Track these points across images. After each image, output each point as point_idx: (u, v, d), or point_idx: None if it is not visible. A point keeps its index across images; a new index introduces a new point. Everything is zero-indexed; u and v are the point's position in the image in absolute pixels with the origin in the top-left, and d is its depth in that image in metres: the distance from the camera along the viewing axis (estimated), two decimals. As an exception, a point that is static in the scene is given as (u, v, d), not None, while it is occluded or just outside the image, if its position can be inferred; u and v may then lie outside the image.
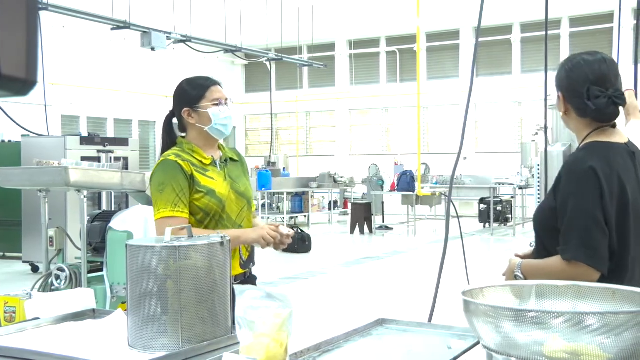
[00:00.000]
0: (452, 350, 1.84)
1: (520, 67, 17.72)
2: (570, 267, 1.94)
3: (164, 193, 2.42)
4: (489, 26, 17.05)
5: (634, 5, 5.92)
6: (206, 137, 2.56)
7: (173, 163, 2.46)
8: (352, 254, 11.43)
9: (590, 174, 1.94)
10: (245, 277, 2.61)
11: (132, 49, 15.09)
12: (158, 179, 2.45)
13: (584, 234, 1.93)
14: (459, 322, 1.75)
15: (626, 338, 1.18)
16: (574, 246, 1.93)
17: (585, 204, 1.94)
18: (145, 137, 18.53)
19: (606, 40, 15.87)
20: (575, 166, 2.00)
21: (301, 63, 17.55)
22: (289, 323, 1.49)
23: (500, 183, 14.97)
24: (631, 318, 1.19)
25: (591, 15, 16.67)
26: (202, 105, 2.54)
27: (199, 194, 2.47)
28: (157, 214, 2.44)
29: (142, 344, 1.86)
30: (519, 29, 17.81)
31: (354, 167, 18.76)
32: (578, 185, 1.96)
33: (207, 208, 2.47)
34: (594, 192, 1.94)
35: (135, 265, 1.89)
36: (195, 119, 2.55)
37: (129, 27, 11.67)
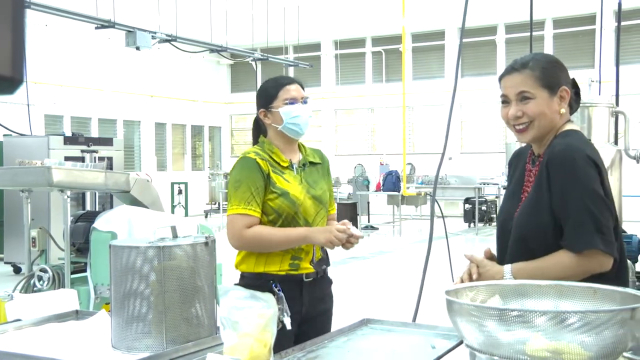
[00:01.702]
0: (436, 349, 1.85)
1: (504, 68, 17.81)
2: (584, 258, 1.87)
3: (239, 190, 2.44)
4: (474, 27, 17.14)
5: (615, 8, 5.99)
6: (283, 136, 2.57)
7: (252, 161, 2.48)
8: (337, 253, 11.40)
9: (588, 160, 1.91)
10: (317, 276, 2.58)
11: (117, 48, 15.00)
12: (235, 175, 2.48)
13: (596, 217, 1.86)
14: (443, 322, 1.76)
15: (606, 336, 1.19)
16: (588, 234, 1.86)
17: (592, 188, 1.88)
18: (130, 137, 18.42)
19: (589, 41, 16.01)
20: (570, 154, 1.93)
21: (287, 63, 17.54)
22: (272, 323, 1.49)
23: (485, 183, 15.06)
24: (611, 316, 1.20)
25: (574, 17, 16.81)
26: (274, 105, 2.55)
27: (273, 194, 2.48)
28: (230, 209, 2.47)
29: (126, 345, 1.85)
30: (503, 30, 17.92)
31: (339, 167, 18.77)
32: (579, 171, 1.90)
33: (279, 209, 2.48)
34: (595, 177, 1.90)
35: (119, 265, 1.88)
36: (270, 119, 2.57)
37: (113, 26, 11.59)
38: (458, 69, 3.13)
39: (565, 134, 2.01)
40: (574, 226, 1.88)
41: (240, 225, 2.42)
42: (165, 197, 17.56)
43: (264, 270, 2.47)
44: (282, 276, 2.48)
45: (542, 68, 2.01)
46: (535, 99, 1.99)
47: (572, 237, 1.88)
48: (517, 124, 2.02)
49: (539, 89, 1.99)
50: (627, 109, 4.71)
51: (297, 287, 2.51)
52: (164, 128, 19.50)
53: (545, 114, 1.99)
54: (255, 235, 2.43)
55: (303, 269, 2.52)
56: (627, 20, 14.82)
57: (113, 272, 1.90)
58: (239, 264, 2.54)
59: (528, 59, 2.06)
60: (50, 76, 15.28)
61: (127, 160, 16.73)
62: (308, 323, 2.51)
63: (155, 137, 19.14)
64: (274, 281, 2.46)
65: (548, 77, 2.00)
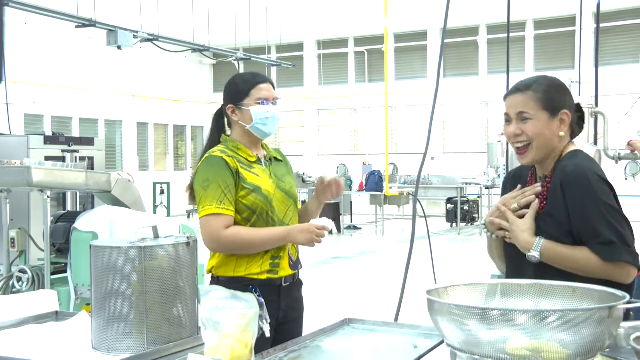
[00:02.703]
0: (418, 349, 1.86)
1: (486, 68, 17.96)
2: (614, 267, 1.92)
3: (208, 190, 2.35)
4: (456, 27, 17.24)
5: (595, 10, 6.06)
6: (250, 135, 2.50)
7: (218, 159, 2.39)
8: (320, 254, 11.44)
9: (599, 179, 1.98)
10: (293, 280, 2.53)
11: (98, 47, 14.87)
12: (203, 175, 2.38)
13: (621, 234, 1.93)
14: (425, 321, 1.77)
15: (584, 334, 1.20)
16: (617, 248, 1.92)
17: (611, 206, 1.95)
18: (112, 137, 18.29)
19: (569, 42, 16.18)
20: (583, 174, 1.98)
21: (270, 63, 17.51)
22: (254, 323, 1.49)
23: (467, 183, 15.15)
24: (590, 315, 1.22)
25: (555, 19, 16.97)
26: (245, 103, 2.48)
27: (244, 190, 2.39)
28: (202, 211, 2.35)
29: (106, 346, 1.84)
30: (485, 31, 18.04)
31: (322, 167, 18.77)
32: (597, 189, 1.96)
33: (253, 206, 2.40)
34: (609, 194, 1.97)
35: (100, 265, 1.87)
36: (239, 116, 2.49)
37: (94, 25, 11.48)
38: (440, 69, 3.14)
39: (572, 155, 2.06)
40: (603, 242, 1.92)
41: (217, 226, 2.32)
42: (148, 197, 17.45)
43: (245, 274, 2.39)
44: (263, 280, 2.40)
45: (544, 90, 2.04)
46: (534, 119, 2.03)
47: (601, 251, 1.92)
48: (516, 143, 2.07)
49: (539, 111, 2.03)
50: (606, 110, 4.76)
51: (276, 291, 2.46)
52: (146, 128, 19.39)
53: (544, 135, 2.03)
54: (235, 236, 2.35)
55: (282, 270, 2.47)
56: (606, 22, 15.00)
57: (94, 272, 1.89)
58: (216, 268, 2.43)
59: (532, 81, 2.09)
60: (30, 75, 15.11)
61: (108, 160, 16.60)
62: (284, 327, 2.46)
63: (137, 136, 19.02)
64: (253, 286, 2.37)
65: (549, 99, 2.04)
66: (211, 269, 2.46)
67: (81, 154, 8.23)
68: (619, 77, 15.53)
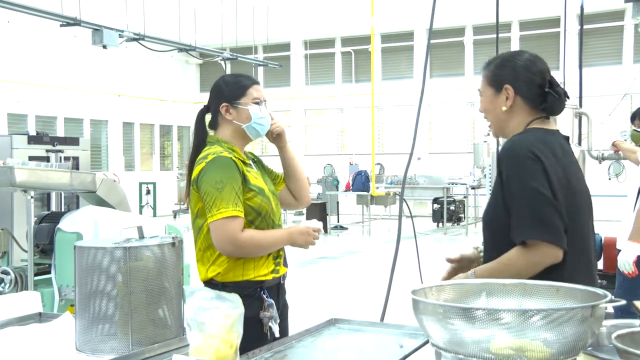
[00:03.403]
0: (404, 348, 1.86)
1: (472, 69, 18.04)
2: (529, 250, 1.88)
3: (223, 191, 2.27)
4: (442, 28, 17.30)
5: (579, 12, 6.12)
6: (241, 136, 2.47)
7: (229, 160, 2.33)
8: (306, 253, 11.42)
9: (530, 155, 1.93)
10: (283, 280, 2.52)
11: (83, 46, 14.77)
12: (215, 176, 2.29)
13: (535, 211, 1.88)
14: (411, 321, 1.77)
15: (568, 333, 1.21)
16: (528, 225, 1.88)
17: (532, 182, 1.90)
18: (97, 137, 18.17)
19: (554, 43, 16.29)
20: (512, 150, 1.98)
21: (256, 63, 17.47)
22: (239, 324, 1.48)
23: (453, 183, 15.22)
24: (573, 314, 1.22)
25: (539, 20, 17.09)
26: (242, 102, 2.44)
27: (251, 192, 2.36)
28: (218, 214, 2.26)
29: (90, 348, 1.83)
30: (471, 31, 18.13)
31: (309, 167, 18.77)
32: (520, 166, 1.93)
33: (259, 208, 2.37)
34: (537, 171, 1.91)
35: (84, 265, 1.86)
36: (234, 115, 2.44)
37: (79, 24, 11.38)
38: (426, 69, 3.15)
39: (525, 131, 2.06)
40: (515, 219, 1.92)
41: (235, 229, 2.27)
42: (134, 198, 17.36)
43: (253, 277, 2.35)
44: (269, 281, 2.40)
45: (492, 67, 2.12)
46: (482, 96, 2.14)
47: (514, 229, 1.92)
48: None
49: (486, 87, 2.13)
50: (590, 111, 4.80)
51: (276, 290, 2.47)
52: (132, 128, 19.28)
53: (489, 110, 2.12)
54: (251, 239, 2.31)
55: (281, 269, 2.49)
56: (589, 23, 15.12)
57: (77, 272, 1.88)
58: (223, 274, 2.34)
59: (491, 60, 2.16)
60: (13, 74, 14.97)
61: (94, 160, 16.49)
62: (281, 324, 2.48)
63: (123, 136, 18.91)
64: (261, 288, 2.37)
65: (494, 75, 2.11)
66: (215, 275, 2.35)
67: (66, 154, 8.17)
68: (602, 78, 15.67)
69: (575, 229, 1.94)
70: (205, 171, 2.32)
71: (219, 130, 2.49)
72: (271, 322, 2.36)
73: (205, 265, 2.38)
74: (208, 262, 2.37)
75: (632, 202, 4.20)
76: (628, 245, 4.05)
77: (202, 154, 2.39)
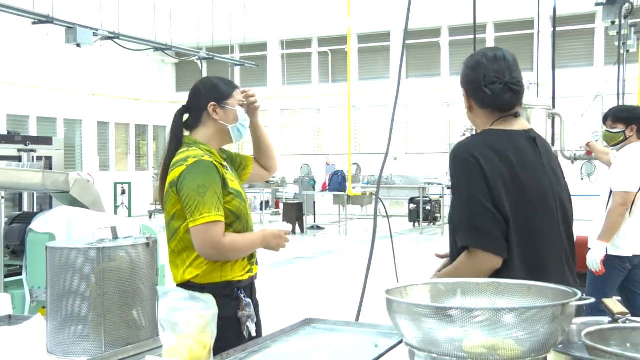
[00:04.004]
0: (379, 348, 1.87)
1: (448, 70, 18.18)
2: (469, 256, 1.91)
3: (206, 196, 2.26)
4: (419, 29, 17.40)
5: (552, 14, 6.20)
6: (221, 137, 2.47)
7: (211, 164, 2.32)
8: (283, 254, 11.43)
9: (469, 159, 1.94)
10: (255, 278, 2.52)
11: (56, 44, 14.57)
12: (196, 180, 2.27)
13: (471, 218, 1.90)
14: (386, 321, 1.78)
15: (539, 331, 1.23)
16: (465, 231, 1.92)
17: (469, 188, 1.92)
18: (71, 136, 17.96)
19: (528, 45, 16.48)
20: (456, 152, 2.01)
21: (233, 62, 17.40)
22: (212, 324, 1.48)
23: (429, 183, 15.32)
24: (543, 312, 1.24)
25: (514, 21, 17.28)
26: (230, 103, 2.45)
27: (230, 195, 2.36)
28: (201, 218, 2.24)
29: (62, 350, 1.80)
30: (447, 32, 18.26)
31: (285, 167, 18.75)
32: (459, 170, 1.96)
33: (237, 211, 2.38)
34: (476, 178, 1.92)
35: (56, 266, 1.83)
36: (220, 115, 2.44)
37: (51, 22, 11.21)
38: (401, 70, 3.17)
39: (479, 133, 2.09)
40: (457, 224, 1.97)
41: (218, 234, 2.27)
42: (109, 198, 17.18)
43: (231, 278, 2.36)
44: (245, 281, 2.41)
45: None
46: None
47: (456, 234, 1.96)
48: None
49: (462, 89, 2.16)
50: (563, 112, 4.87)
51: (249, 290, 2.48)
52: (107, 127, 19.09)
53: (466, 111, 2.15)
54: (232, 243, 2.31)
55: (254, 268, 2.49)
56: (562, 25, 15.33)
57: (49, 272, 1.85)
58: (202, 276, 2.32)
59: None
60: (-16, 72, 14.73)
61: (68, 160, 16.28)
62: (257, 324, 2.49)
63: (97, 136, 18.71)
64: (239, 288, 2.37)
65: (461, 76, 2.14)
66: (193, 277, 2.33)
67: (38, 154, 8.05)
68: (574, 79, 15.90)
69: (525, 230, 1.94)
70: (186, 174, 2.29)
71: (199, 130, 2.46)
72: (249, 321, 2.37)
73: (181, 267, 2.36)
74: (184, 265, 2.35)
75: (605, 202, 4.26)
76: (597, 244, 4.12)
77: (181, 155, 2.36)
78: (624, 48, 9.38)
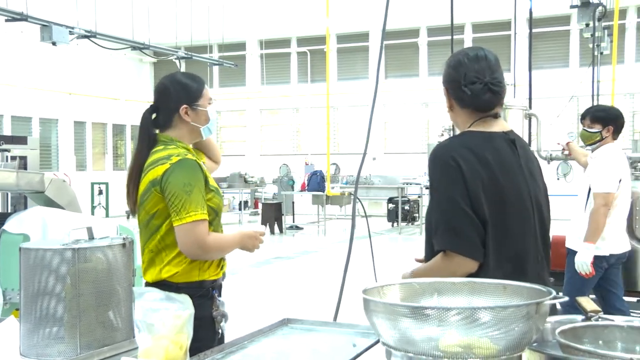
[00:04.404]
0: (357, 347, 1.87)
1: (427, 70, 18.28)
2: (446, 259, 1.92)
3: (192, 195, 2.25)
4: (397, 29, 17.48)
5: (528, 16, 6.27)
6: (192, 136, 2.45)
7: (194, 162, 2.31)
8: (262, 254, 11.40)
9: (449, 162, 1.94)
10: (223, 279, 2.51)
11: (31, 42, 14.37)
12: (183, 179, 2.26)
13: (449, 221, 1.91)
14: (364, 320, 1.78)
15: (513, 329, 1.24)
16: (442, 234, 1.92)
17: (449, 191, 1.92)
18: (47, 136, 17.73)
19: (505, 46, 16.64)
20: (435, 154, 2.00)
21: (211, 62, 17.32)
22: (189, 325, 1.47)
23: (407, 183, 15.38)
24: (518, 311, 1.25)
25: (491, 23, 17.43)
26: (200, 104, 2.42)
27: (211, 193, 2.36)
28: (187, 217, 2.23)
29: (36, 352, 1.78)
30: (425, 33, 18.36)
31: (264, 167, 18.72)
32: (439, 172, 1.96)
33: (217, 207, 2.39)
34: (455, 180, 1.92)
35: (30, 266, 1.81)
36: (192, 117, 2.41)
37: (26, 20, 11.05)
38: (379, 70, 3.18)
39: (458, 135, 2.09)
40: (434, 226, 1.96)
41: (204, 232, 2.26)
42: (85, 198, 17.01)
43: (206, 277, 2.34)
44: (217, 280, 2.41)
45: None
46: None
47: (433, 236, 1.96)
48: None
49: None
50: (539, 112, 4.91)
51: (219, 290, 2.47)
52: (84, 127, 18.89)
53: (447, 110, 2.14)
54: (215, 242, 2.30)
55: (224, 268, 2.48)
56: (539, 27, 15.51)
57: (23, 272, 1.83)
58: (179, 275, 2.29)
59: None
60: (-42, 71, 14.49)
61: (43, 160, 16.08)
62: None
63: (74, 136, 18.50)
64: (213, 288, 2.37)
65: (443, 75, 2.14)
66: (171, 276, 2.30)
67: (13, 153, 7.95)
68: (550, 80, 16.09)
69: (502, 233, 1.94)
70: (171, 172, 2.27)
71: (171, 131, 2.43)
72: (223, 320, 2.36)
73: (158, 265, 2.33)
74: (162, 263, 2.32)
75: (583, 202, 4.30)
76: (584, 246, 4.12)
77: (161, 153, 2.34)
78: (598, 50, 9.50)
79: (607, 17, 9.66)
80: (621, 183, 4.19)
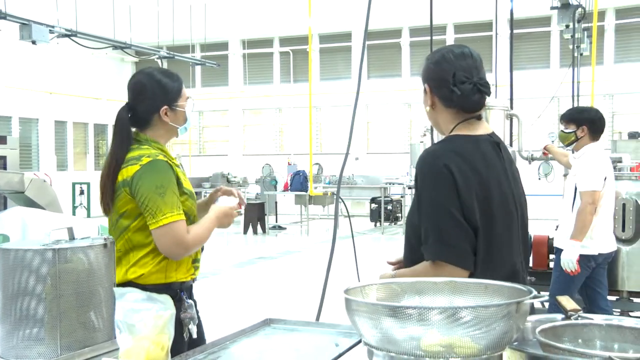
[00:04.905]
0: (339, 347, 1.88)
1: (409, 70, 18.35)
2: (436, 268, 1.86)
3: (166, 196, 2.22)
4: (380, 30, 17.53)
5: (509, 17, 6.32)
6: (169, 135, 2.43)
7: (166, 164, 2.28)
8: (245, 254, 11.38)
9: (442, 170, 1.86)
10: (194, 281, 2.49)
11: (10, 41, 14.20)
12: (155, 181, 2.23)
13: (442, 231, 1.85)
14: (346, 320, 1.79)
15: (494, 329, 1.25)
16: (434, 245, 1.86)
17: (442, 200, 1.86)
18: (27, 136, 17.54)
19: (487, 47, 16.76)
20: (427, 162, 1.92)
21: (194, 62, 17.24)
22: (170, 325, 1.46)
23: (390, 183, 15.43)
24: (499, 310, 1.26)
25: (473, 23, 17.54)
26: (180, 104, 2.39)
27: (183, 196, 2.33)
28: (164, 219, 2.21)
29: (15, 354, 1.76)
30: (407, 33, 18.43)
31: (247, 167, 18.67)
32: (431, 181, 1.89)
33: (189, 211, 2.37)
34: (448, 189, 1.85)
35: (10, 266, 1.79)
36: (171, 117, 2.39)
37: (4, 18, 10.91)
38: (361, 70, 3.19)
39: (445, 139, 2.00)
40: (424, 235, 1.89)
41: (182, 232, 2.24)
42: (66, 198, 16.84)
43: (176, 279, 2.33)
44: (188, 282, 2.39)
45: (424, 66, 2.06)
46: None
47: (423, 245, 1.90)
48: None
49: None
50: (520, 113, 4.96)
51: (189, 291, 2.45)
52: (65, 126, 18.71)
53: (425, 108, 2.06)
54: (194, 237, 2.29)
55: (197, 270, 2.47)
56: (519, 28, 15.63)
57: (2, 274, 1.81)
58: (147, 276, 2.27)
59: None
60: (-64, 69, 14.27)
61: (23, 160, 15.90)
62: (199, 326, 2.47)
63: (55, 135, 18.32)
64: (182, 290, 2.35)
65: (422, 72, 2.05)
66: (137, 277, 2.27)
67: (-8, 153, 7.85)
68: (531, 81, 16.23)
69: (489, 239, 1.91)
70: (141, 175, 2.24)
71: (148, 131, 2.40)
72: (191, 322, 2.35)
73: (125, 266, 2.30)
74: (128, 264, 2.29)
75: (570, 202, 4.34)
76: (570, 244, 4.16)
77: (134, 153, 2.31)
78: (578, 51, 9.61)
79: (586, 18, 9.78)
80: (606, 181, 4.24)
